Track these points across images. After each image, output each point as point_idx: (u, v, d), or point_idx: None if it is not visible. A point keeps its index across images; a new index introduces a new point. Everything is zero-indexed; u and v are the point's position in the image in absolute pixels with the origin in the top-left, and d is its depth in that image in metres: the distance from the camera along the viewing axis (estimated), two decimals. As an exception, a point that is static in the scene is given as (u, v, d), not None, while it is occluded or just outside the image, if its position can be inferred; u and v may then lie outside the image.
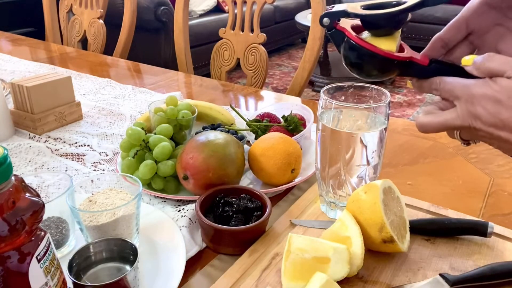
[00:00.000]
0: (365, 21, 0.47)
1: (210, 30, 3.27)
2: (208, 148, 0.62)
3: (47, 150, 0.82)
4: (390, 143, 0.63)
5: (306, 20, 3.27)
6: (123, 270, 0.49)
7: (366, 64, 0.48)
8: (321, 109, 0.57)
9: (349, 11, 0.47)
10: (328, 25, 0.48)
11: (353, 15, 0.47)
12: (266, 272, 0.51)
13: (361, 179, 0.58)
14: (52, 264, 0.39)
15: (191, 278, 0.52)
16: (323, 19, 0.48)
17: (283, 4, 4.27)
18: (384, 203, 0.50)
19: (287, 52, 4.47)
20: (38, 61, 1.40)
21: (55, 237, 0.54)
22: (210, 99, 1.07)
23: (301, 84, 1.27)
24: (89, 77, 1.25)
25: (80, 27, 1.68)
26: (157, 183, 0.66)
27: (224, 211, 0.58)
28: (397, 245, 0.50)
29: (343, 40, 0.48)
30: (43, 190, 0.58)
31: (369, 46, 0.46)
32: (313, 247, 0.48)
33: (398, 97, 3.22)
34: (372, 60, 0.47)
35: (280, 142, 0.67)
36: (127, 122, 0.95)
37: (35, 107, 0.86)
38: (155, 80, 1.26)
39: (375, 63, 0.47)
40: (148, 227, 0.58)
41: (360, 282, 0.50)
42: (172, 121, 0.73)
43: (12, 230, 0.34)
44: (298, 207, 0.63)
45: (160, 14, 2.92)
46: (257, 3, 1.29)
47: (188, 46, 1.46)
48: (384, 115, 0.56)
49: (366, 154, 0.56)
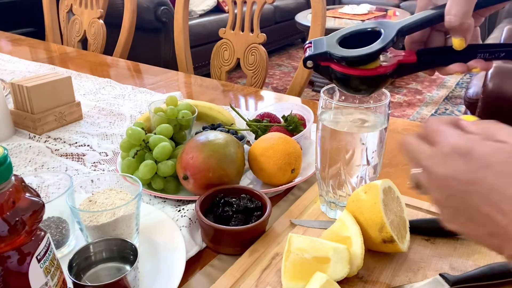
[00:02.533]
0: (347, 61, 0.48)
1: (210, 30, 3.27)
2: (208, 148, 0.62)
3: (47, 150, 0.82)
4: (390, 143, 0.63)
5: (306, 20, 3.27)
6: (123, 270, 0.49)
7: (360, 86, 0.50)
8: (321, 109, 0.57)
9: (330, 52, 0.48)
10: (312, 66, 0.50)
11: (334, 57, 0.48)
12: (266, 272, 0.51)
13: (361, 179, 0.58)
14: (52, 264, 0.39)
15: (191, 278, 0.52)
16: (306, 61, 0.50)
17: (283, 4, 4.27)
18: (384, 203, 0.50)
19: (287, 52, 4.47)
20: (38, 61, 1.40)
21: (55, 237, 0.54)
22: (210, 99, 1.07)
23: (301, 84, 1.27)
24: (89, 77, 1.25)
25: (80, 27, 1.68)
26: (157, 183, 0.66)
27: (224, 211, 0.58)
28: (397, 245, 0.50)
29: (331, 72, 0.50)
30: (43, 190, 0.58)
31: (356, 72, 0.48)
32: (313, 247, 0.48)
33: (398, 97, 3.22)
34: (364, 82, 0.49)
35: (280, 142, 0.67)
36: (127, 122, 0.95)
37: (35, 107, 0.86)
38: (155, 80, 1.26)
39: (368, 83, 0.49)
40: (148, 227, 0.58)
41: (360, 282, 0.50)
42: (172, 121, 0.73)
43: (12, 230, 0.34)
44: (298, 207, 0.63)
45: (160, 14, 2.92)
46: (257, 3, 1.29)
47: (188, 46, 1.46)
48: (384, 115, 0.56)
49: (366, 154, 0.56)
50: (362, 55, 0.46)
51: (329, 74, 0.50)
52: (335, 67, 0.49)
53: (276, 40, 4.26)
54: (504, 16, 3.39)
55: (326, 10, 1.22)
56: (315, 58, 0.49)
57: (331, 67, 0.49)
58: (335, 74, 0.49)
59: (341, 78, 0.49)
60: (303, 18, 3.39)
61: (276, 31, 4.16)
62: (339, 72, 0.48)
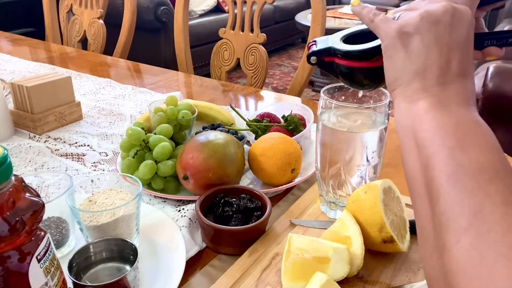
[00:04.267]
0: (350, 56, 0.49)
1: (210, 30, 3.27)
2: (208, 148, 0.62)
3: (47, 150, 0.82)
4: (390, 143, 0.63)
5: (306, 20, 3.27)
6: (123, 270, 0.49)
7: (364, 79, 0.50)
8: (321, 109, 0.57)
9: (334, 47, 0.49)
10: (316, 62, 0.51)
11: (339, 51, 0.49)
12: (266, 272, 0.51)
13: (361, 179, 0.58)
14: (52, 264, 0.39)
15: (191, 278, 0.52)
16: (310, 58, 0.51)
17: (283, 4, 4.27)
18: (384, 203, 0.50)
19: (287, 52, 4.47)
20: (38, 61, 1.40)
21: (55, 237, 0.53)
22: (210, 99, 1.07)
23: (301, 84, 1.27)
24: (89, 77, 1.25)
25: (80, 27, 1.68)
26: (157, 183, 0.66)
27: (224, 211, 0.58)
28: (397, 245, 0.50)
29: (335, 68, 0.50)
30: (43, 190, 0.58)
31: (361, 64, 0.48)
32: (313, 247, 0.48)
33: (398, 97, 3.22)
34: (369, 74, 0.49)
35: (280, 142, 0.67)
36: (127, 122, 0.95)
37: (35, 107, 0.86)
38: (155, 80, 1.26)
39: (372, 75, 0.49)
40: (148, 227, 0.58)
41: (360, 282, 0.50)
42: (172, 121, 0.73)
43: (12, 230, 0.34)
44: (298, 207, 0.63)
45: (160, 14, 2.92)
46: (257, 3, 1.29)
47: (188, 46, 1.46)
48: (384, 115, 0.56)
49: (366, 154, 0.56)
50: (366, 49, 0.47)
51: (333, 69, 0.51)
52: (339, 61, 0.49)
53: (276, 40, 4.26)
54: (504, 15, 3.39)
55: (326, 10, 1.22)
56: (319, 54, 0.50)
57: (335, 62, 0.50)
58: (340, 68, 0.50)
59: (345, 71, 0.50)
60: (303, 18, 3.39)
61: (276, 31, 4.16)
62: (343, 66, 0.49)
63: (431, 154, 0.35)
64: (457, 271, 0.29)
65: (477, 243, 0.29)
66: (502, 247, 0.28)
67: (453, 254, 0.30)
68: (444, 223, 0.32)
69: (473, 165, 0.32)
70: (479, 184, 0.31)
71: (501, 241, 0.28)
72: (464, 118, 0.36)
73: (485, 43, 0.47)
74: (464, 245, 0.30)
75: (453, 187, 0.32)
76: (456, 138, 0.35)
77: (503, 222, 0.29)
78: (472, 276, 0.28)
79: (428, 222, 0.34)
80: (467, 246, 0.29)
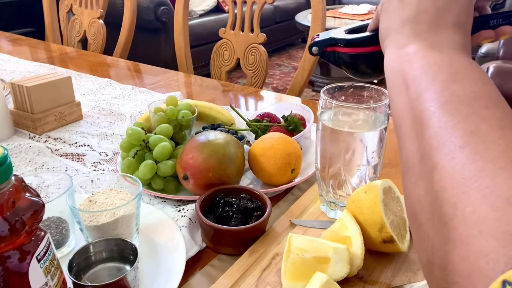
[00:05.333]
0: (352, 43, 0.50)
1: (210, 30, 3.27)
2: (208, 148, 0.62)
3: (47, 150, 0.82)
4: (390, 143, 0.63)
5: (306, 20, 3.27)
6: (123, 270, 0.49)
7: (367, 66, 0.50)
8: (321, 109, 0.57)
9: (336, 37, 0.50)
10: (318, 52, 0.52)
11: (340, 41, 0.50)
12: (266, 272, 0.51)
13: (361, 179, 0.58)
14: (52, 264, 0.39)
15: (191, 278, 0.52)
16: (312, 48, 0.51)
17: (283, 4, 4.27)
18: (384, 203, 0.50)
19: (287, 52, 4.48)
20: (38, 61, 1.40)
21: (55, 237, 0.54)
22: (210, 99, 1.07)
23: (301, 84, 1.27)
24: (89, 77, 1.25)
25: (80, 27, 1.68)
26: (157, 183, 0.66)
27: (224, 211, 0.58)
28: (397, 245, 0.50)
29: (337, 57, 0.51)
30: (43, 190, 0.58)
31: (363, 49, 0.49)
32: (313, 247, 0.48)
33: (398, 97, 3.22)
34: (371, 59, 0.49)
35: (280, 142, 0.67)
36: (127, 122, 0.95)
37: (35, 107, 0.86)
38: (155, 80, 1.26)
39: (374, 60, 0.49)
40: (148, 227, 0.58)
41: (360, 282, 0.50)
42: (172, 121, 0.73)
43: (12, 230, 0.34)
44: (298, 207, 0.63)
45: (160, 14, 2.92)
46: (257, 3, 1.29)
47: (188, 46, 1.46)
48: (384, 115, 0.56)
49: (366, 154, 0.56)
50: (367, 35, 0.48)
51: (335, 58, 0.51)
52: (341, 49, 0.50)
53: (276, 40, 4.26)
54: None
55: (326, 10, 1.22)
56: (320, 44, 0.51)
57: (337, 51, 0.50)
58: (342, 56, 0.50)
59: (347, 60, 0.50)
60: (303, 18, 3.39)
61: (276, 31, 4.16)
62: (345, 54, 0.50)
63: (423, 88, 0.33)
64: (451, 186, 0.27)
65: (475, 157, 0.27)
66: (503, 162, 0.26)
67: (447, 170, 0.28)
68: (435, 145, 0.30)
69: (467, 94, 0.31)
70: (474, 110, 0.30)
71: (501, 157, 0.26)
72: (458, 59, 0.35)
73: (491, 22, 0.47)
74: (460, 161, 0.27)
75: (447, 113, 0.30)
76: (449, 73, 0.33)
77: (501, 142, 0.27)
78: (471, 187, 0.26)
79: (413, 154, 0.32)
80: (464, 161, 0.27)
